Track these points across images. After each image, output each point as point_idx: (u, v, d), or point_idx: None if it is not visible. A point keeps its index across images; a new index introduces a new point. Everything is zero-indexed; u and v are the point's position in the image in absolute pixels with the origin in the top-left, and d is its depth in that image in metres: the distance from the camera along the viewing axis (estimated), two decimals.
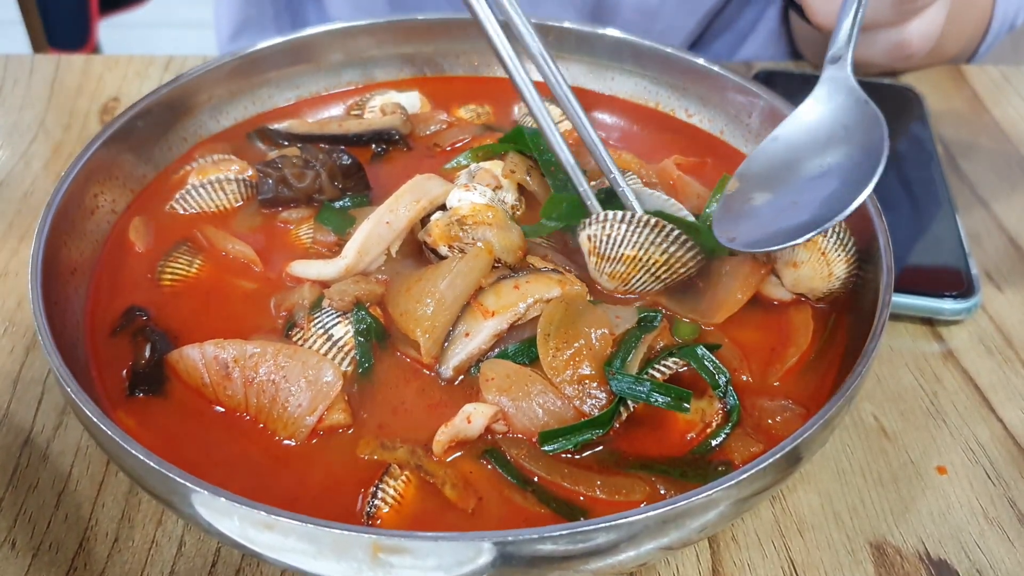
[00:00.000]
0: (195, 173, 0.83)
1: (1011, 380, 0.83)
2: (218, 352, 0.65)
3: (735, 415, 0.66)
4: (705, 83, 0.90)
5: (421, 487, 0.62)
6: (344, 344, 0.69)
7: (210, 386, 0.66)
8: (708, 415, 0.66)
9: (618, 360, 0.66)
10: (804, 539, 0.70)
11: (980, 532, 0.71)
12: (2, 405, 0.77)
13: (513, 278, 0.70)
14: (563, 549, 0.52)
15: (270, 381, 0.64)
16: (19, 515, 0.69)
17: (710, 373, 0.67)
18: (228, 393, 0.65)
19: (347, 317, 0.70)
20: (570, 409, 0.64)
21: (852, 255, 0.74)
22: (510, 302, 0.69)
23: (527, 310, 0.69)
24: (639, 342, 0.67)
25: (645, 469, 0.63)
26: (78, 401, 0.58)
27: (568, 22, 0.93)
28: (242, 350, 0.65)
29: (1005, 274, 0.94)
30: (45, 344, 0.62)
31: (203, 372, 0.66)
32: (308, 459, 0.64)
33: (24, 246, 0.92)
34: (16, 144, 1.06)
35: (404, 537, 0.51)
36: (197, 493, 0.53)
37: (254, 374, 0.64)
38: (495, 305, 0.69)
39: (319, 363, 0.65)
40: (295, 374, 0.64)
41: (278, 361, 0.64)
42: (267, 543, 0.54)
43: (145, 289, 0.75)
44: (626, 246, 0.72)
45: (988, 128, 1.16)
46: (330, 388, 0.64)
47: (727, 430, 0.65)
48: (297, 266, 0.75)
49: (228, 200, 0.82)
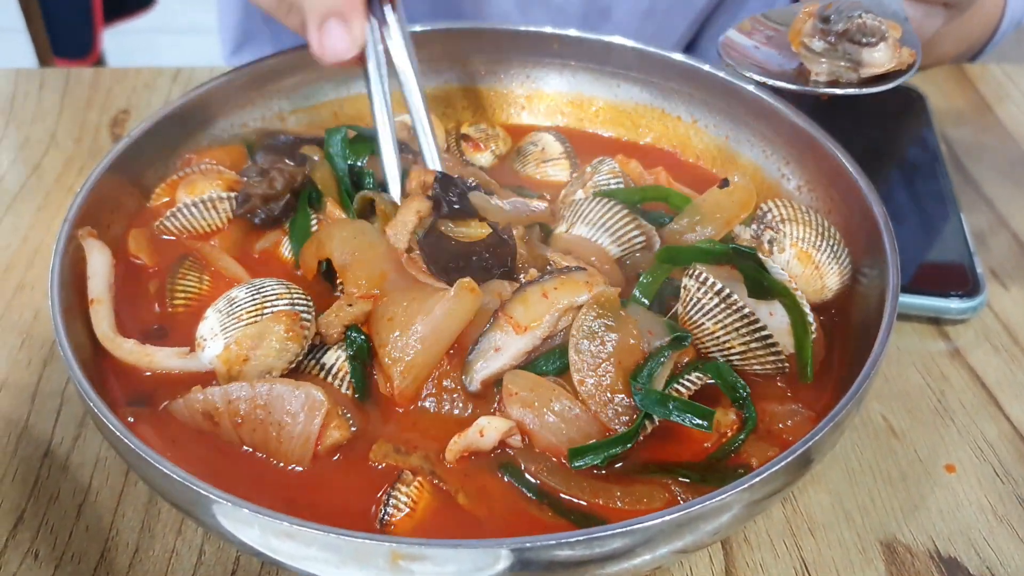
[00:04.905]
0: (184, 188, 0.81)
1: (1018, 377, 0.84)
2: (196, 404, 0.64)
3: (751, 424, 0.66)
4: (709, 88, 0.91)
5: (435, 493, 0.63)
6: (337, 370, 0.68)
7: (206, 432, 0.65)
8: (724, 425, 0.66)
9: (645, 375, 0.65)
10: (815, 539, 0.71)
11: (989, 529, 0.72)
12: (22, 417, 0.78)
13: (539, 284, 0.69)
14: (580, 554, 0.53)
15: (256, 419, 0.63)
16: (41, 526, 0.70)
17: (731, 387, 0.67)
18: (223, 436, 0.65)
19: None
20: (594, 424, 0.64)
21: (846, 267, 0.75)
22: (540, 313, 0.67)
23: (558, 320, 0.68)
24: (667, 359, 0.67)
25: (665, 473, 0.64)
26: (102, 416, 0.59)
27: (574, 30, 0.94)
28: (223, 395, 0.64)
29: (1010, 272, 0.95)
30: (67, 357, 0.63)
31: (191, 422, 0.66)
32: (319, 477, 0.64)
33: (39, 259, 0.93)
34: (28, 157, 1.07)
35: (423, 545, 0.52)
36: (219, 504, 0.54)
37: (238, 418, 0.64)
38: (525, 319, 0.67)
39: (298, 388, 0.64)
40: (278, 407, 0.63)
41: (257, 400, 0.63)
42: (288, 552, 0.55)
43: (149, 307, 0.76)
44: (709, 319, 0.69)
45: (992, 127, 1.16)
46: (317, 405, 0.63)
47: (742, 437, 0.66)
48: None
49: (220, 219, 0.80)
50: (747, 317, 0.68)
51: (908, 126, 1.11)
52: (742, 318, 0.68)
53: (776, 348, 0.68)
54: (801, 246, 0.74)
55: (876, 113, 1.13)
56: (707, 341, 0.69)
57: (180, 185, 0.82)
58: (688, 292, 0.69)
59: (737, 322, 0.68)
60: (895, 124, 1.12)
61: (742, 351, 0.69)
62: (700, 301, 0.69)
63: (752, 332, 0.68)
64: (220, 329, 0.67)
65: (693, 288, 0.69)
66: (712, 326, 0.69)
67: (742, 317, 0.68)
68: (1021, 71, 1.26)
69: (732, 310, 0.68)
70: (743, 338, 0.68)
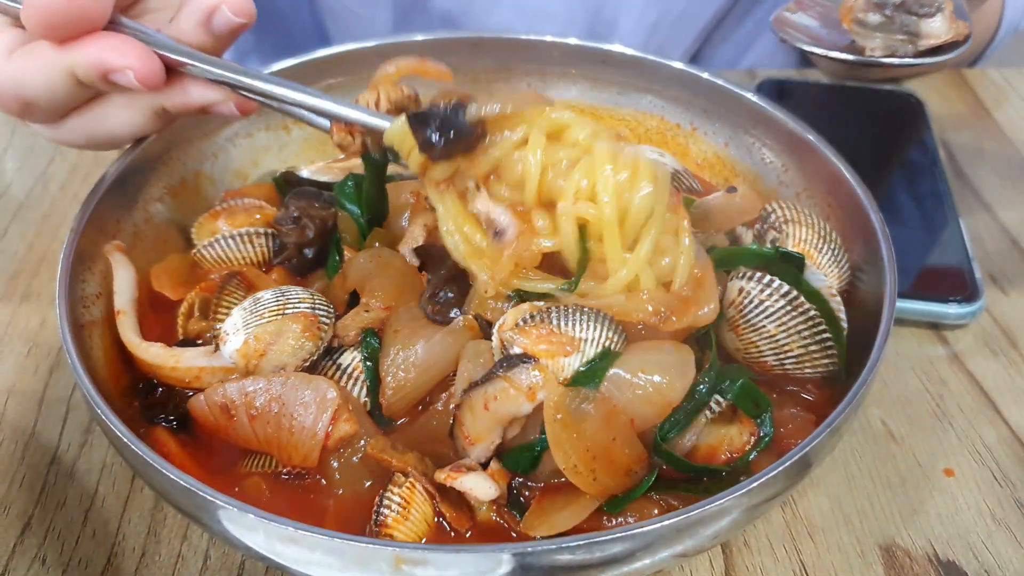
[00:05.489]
0: (225, 218, 0.83)
1: (1016, 381, 0.85)
2: (215, 397, 0.67)
3: (766, 441, 0.66)
4: (708, 96, 0.92)
5: (425, 495, 0.64)
6: (353, 370, 0.70)
7: (221, 429, 0.67)
8: (737, 444, 0.66)
9: (669, 432, 0.64)
10: (815, 542, 0.72)
11: (988, 533, 0.72)
12: (29, 424, 0.79)
13: (482, 389, 0.63)
14: (580, 559, 0.54)
15: (271, 412, 0.65)
16: (48, 532, 0.71)
17: (754, 407, 0.66)
18: (238, 432, 0.67)
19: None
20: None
21: (845, 270, 0.76)
22: (486, 428, 0.63)
23: (505, 432, 0.64)
24: (692, 421, 0.65)
25: (670, 490, 0.64)
26: (110, 423, 0.60)
27: (574, 39, 0.95)
28: (240, 388, 0.66)
29: (1009, 276, 0.95)
30: (75, 365, 0.64)
31: (210, 417, 0.67)
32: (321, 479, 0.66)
33: (45, 267, 0.94)
34: (34, 166, 1.08)
35: (426, 550, 0.54)
36: (225, 509, 0.55)
37: (254, 409, 0.65)
38: (473, 433, 0.64)
39: (311, 382, 0.66)
40: (292, 399, 0.65)
41: (272, 392, 0.66)
42: (293, 556, 0.56)
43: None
44: (772, 321, 0.69)
45: (990, 131, 1.17)
46: (329, 402, 0.65)
47: (753, 455, 0.66)
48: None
49: (255, 254, 0.82)
50: (812, 319, 0.68)
51: (907, 130, 1.12)
52: (807, 320, 0.68)
53: (832, 351, 0.69)
54: (804, 247, 0.75)
55: (875, 118, 1.14)
56: (763, 344, 0.69)
57: (222, 216, 0.84)
58: (747, 295, 0.69)
59: (801, 324, 0.68)
60: (894, 129, 1.13)
61: (799, 354, 0.69)
62: (763, 303, 0.68)
63: (815, 335, 0.68)
64: (242, 325, 0.69)
65: (755, 291, 0.69)
66: (774, 329, 0.68)
67: (807, 320, 0.68)
68: (1020, 75, 1.27)
69: (798, 312, 0.68)
70: (803, 340, 0.69)
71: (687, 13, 1.29)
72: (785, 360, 0.70)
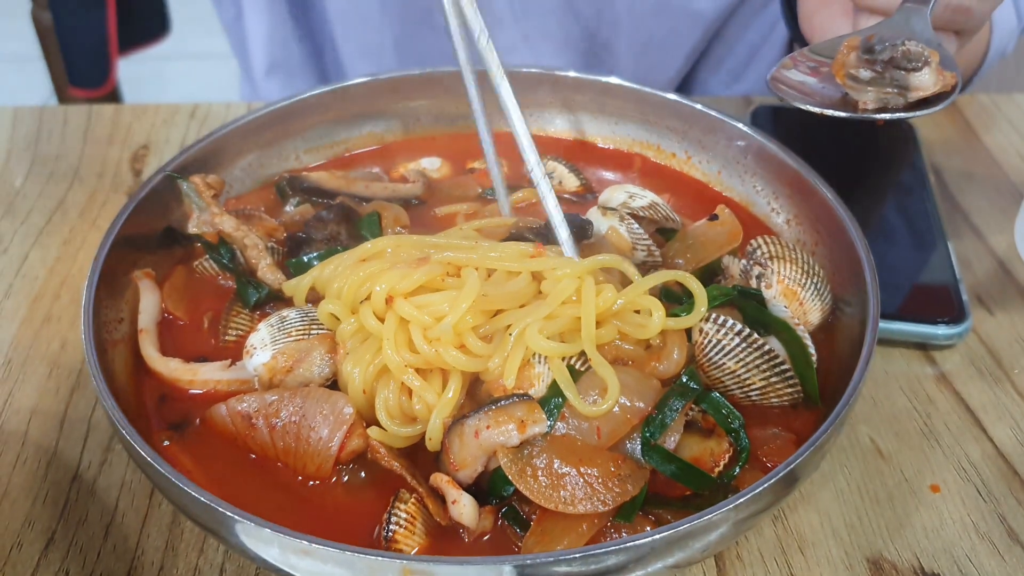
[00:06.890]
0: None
1: (1001, 400, 0.87)
2: (238, 406, 0.71)
3: (744, 456, 0.70)
4: (701, 126, 0.95)
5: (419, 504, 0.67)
6: None
7: (240, 437, 0.71)
8: (717, 455, 0.70)
9: (656, 423, 0.68)
10: (805, 556, 0.74)
11: (972, 547, 0.75)
12: (51, 443, 0.82)
13: (475, 419, 0.68)
14: (577, 570, 0.57)
15: (291, 422, 0.70)
16: (71, 546, 0.74)
17: (724, 418, 0.70)
18: (256, 441, 0.71)
19: None
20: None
21: (827, 303, 0.79)
22: (472, 455, 0.67)
23: (488, 460, 0.68)
24: (679, 411, 0.69)
25: (661, 506, 0.67)
26: (132, 441, 0.63)
27: (572, 71, 0.98)
28: (262, 400, 0.71)
29: (996, 298, 0.98)
30: (99, 387, 0.67)
31: (230, 426, 0.72)
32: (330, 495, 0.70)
33: (66, 290, 0.98)
34: (53, 193, 1.12)
35: (432, 562, 0.57)
36: (241, 523, 0.59)
37: (276, 419, 0.70)
38: (458, 459, 0.68)
39: (331, 397, 0.71)
40: (312, 411, 0.70)
41: (294, 405, 0.70)
42: (306, 568, 0.59)
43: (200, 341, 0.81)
44: (731, 359, 0.72)
45: (980, 156, 1.20)
46: (346, 417, 0.69)
47: (736, 470, 0.69)
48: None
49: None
50: (767, 354, 0.72)
51: (897, 154, 1.15)
52: (763, 355, 0.72)
53: (793, 380, 0.73)
54: (787, 283, 0.78)
55: (865, 142, 1.17)
56: (727, 380, 0.73)
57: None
58: (706, 335, 0.73)
59: (758, 359, 0.72)
60: (884, 152, 1.16)
61: (762, 386, 0.73)
62: (721, 342, 0.72)
63: (772, 367, 0.72)
64: (270, 340, 0.74)
65: (712, 331, 0.73)
66: (734, 365, 0.72)
67: (763, 355, 0.72)
68: (1009, 101, 1.30)
69: (753, 348, 0.72)
70: (763, 374, 0.72)
71: (675, 31, 1.33)
72: (750, 392, 0.73)
